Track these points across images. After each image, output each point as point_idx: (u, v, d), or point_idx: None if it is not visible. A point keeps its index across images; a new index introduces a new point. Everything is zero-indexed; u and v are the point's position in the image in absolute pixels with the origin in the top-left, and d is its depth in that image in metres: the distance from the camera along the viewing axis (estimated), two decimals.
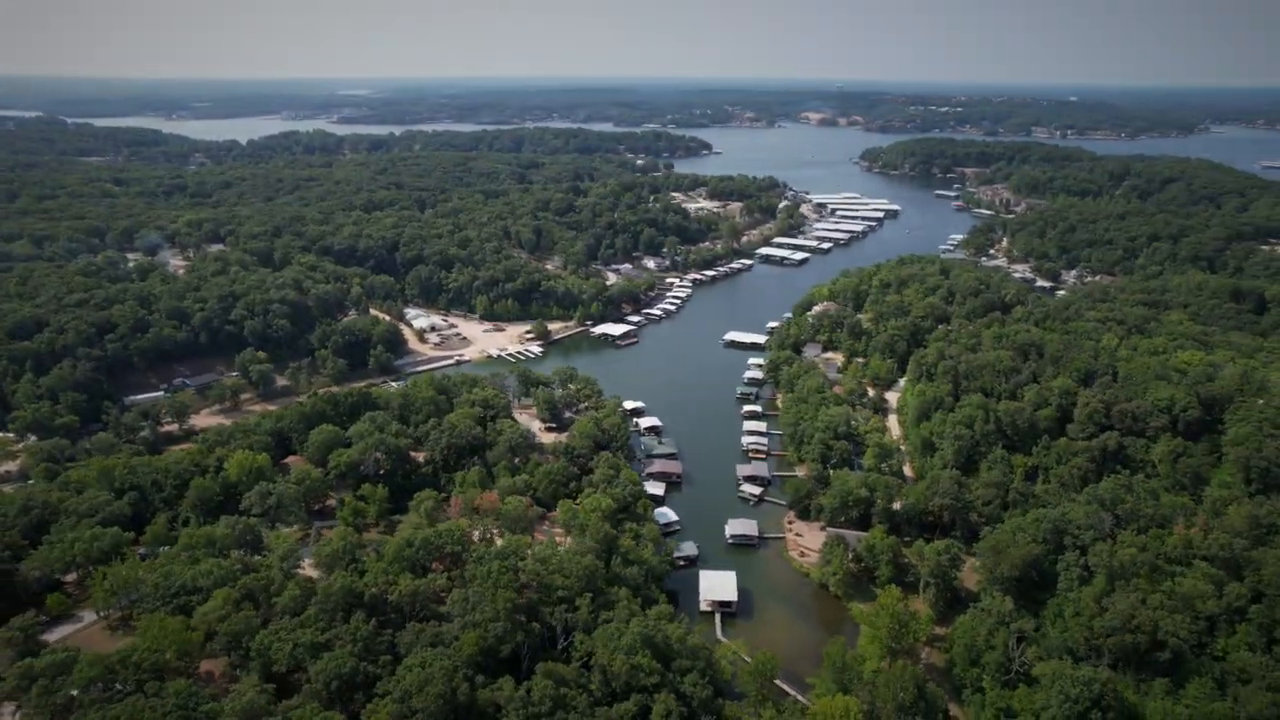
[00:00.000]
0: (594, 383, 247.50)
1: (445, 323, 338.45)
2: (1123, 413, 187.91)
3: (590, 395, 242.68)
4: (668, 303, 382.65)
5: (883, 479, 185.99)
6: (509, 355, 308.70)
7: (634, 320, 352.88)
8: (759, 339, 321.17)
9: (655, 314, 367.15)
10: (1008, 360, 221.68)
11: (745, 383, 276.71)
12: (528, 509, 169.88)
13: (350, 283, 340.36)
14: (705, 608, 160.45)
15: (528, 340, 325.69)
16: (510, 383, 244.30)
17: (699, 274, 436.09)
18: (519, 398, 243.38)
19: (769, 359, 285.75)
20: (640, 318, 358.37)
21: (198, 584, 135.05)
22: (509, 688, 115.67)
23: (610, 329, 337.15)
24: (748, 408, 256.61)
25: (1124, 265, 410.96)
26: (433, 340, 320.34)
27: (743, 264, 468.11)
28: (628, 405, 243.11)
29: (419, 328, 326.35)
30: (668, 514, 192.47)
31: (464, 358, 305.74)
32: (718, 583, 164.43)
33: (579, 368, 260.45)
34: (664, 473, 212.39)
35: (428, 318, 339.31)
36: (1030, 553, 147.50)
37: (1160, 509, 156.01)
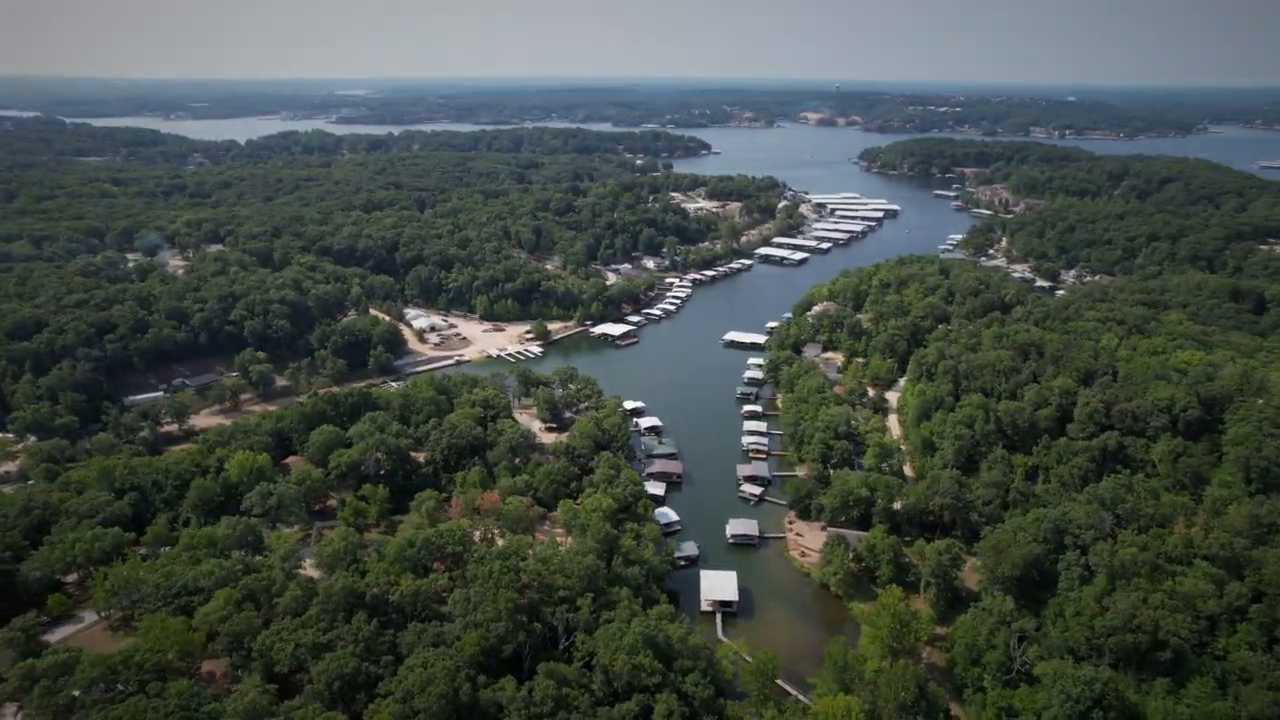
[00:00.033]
0: (594, 383, 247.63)
1: (445, 323, 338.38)
2: (1123, 412, 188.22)
3: (590, 395, 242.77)
4: (667, 303, 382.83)
5: (883, 479, 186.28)
6: (509, 355, 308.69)
7: (634, 320, 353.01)
8: (759, 339, 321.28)
9: (655, 314, 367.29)
10: (1008, 360, 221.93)
11: (745, 383, 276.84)
12: (529, 509, 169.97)
13: (350, 283, 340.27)
14: (706, 608, 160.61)
15: (527, 340, 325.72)
16: (510, 383, 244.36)
17: (698, 274, 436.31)
18: (519, 398, 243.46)
19: (769, 359, 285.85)
20: (640, 318, 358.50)
21: (199, 584, 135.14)
22: (511, 688, 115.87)
23: (610, 329, 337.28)
24: (748, 408, 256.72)
25: (1123, 265, 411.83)
26: (432, 340, 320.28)
27: (742, 264, 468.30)
28: (628, 405, 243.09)
29: (419, 328, 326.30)
30: (668, 514, 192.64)
31: (464, 358, 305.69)
32: (718, 583, 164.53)
33: (579, 368, 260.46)
34: (664, 473, 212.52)
35: (427, 318, 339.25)
36: (1031, 552, 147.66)
37: (1161, 508, 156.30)
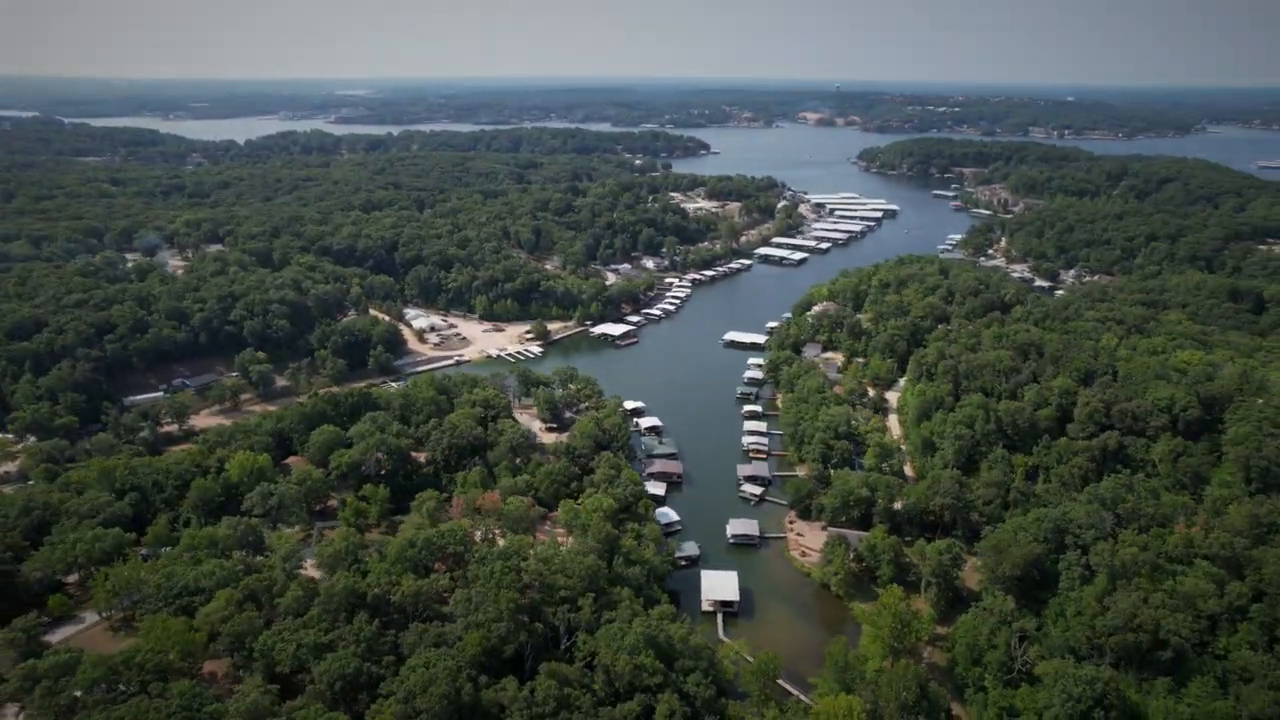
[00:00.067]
0: (594, 383, 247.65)
1: (445, 323, 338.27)
2: (1123, 412, 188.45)
3: (590, 395, 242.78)
4: (667, 303, 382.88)
5: (884, 479, 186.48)
6: (509, 355, 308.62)
7: (633, 320, 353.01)
8: (758, 339, 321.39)
9: (655, 314, 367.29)
10: (1008, 360, 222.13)
11: (745, 383, 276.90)
12: (529, 509, 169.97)
13: (349, 283, 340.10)
14: (707, 607, 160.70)
15: (527, 340, 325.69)
16: (510, 383, 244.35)
17: (698, 274, 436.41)
18: (519, 398, 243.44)
19: (769, 359, 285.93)
20: (640, 318, 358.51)
21: (200, 585, 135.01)
22: (513, 688, 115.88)
23: (610, 329, 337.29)
24: (748, 408, 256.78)
25: (1122, 265, 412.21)
26: (432, 340, 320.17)
27: (741, 264, 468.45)
28: (628, 405, 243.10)
29: (418, 328, 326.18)
30: (669, 514, 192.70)
31: (463, 358, 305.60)
32: (719, 583, 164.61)
33: (579, 368, 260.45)
34: (665, 473, 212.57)
35: (427, 318, 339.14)
36: (1031, 552, 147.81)
37: (1161, 508, 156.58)
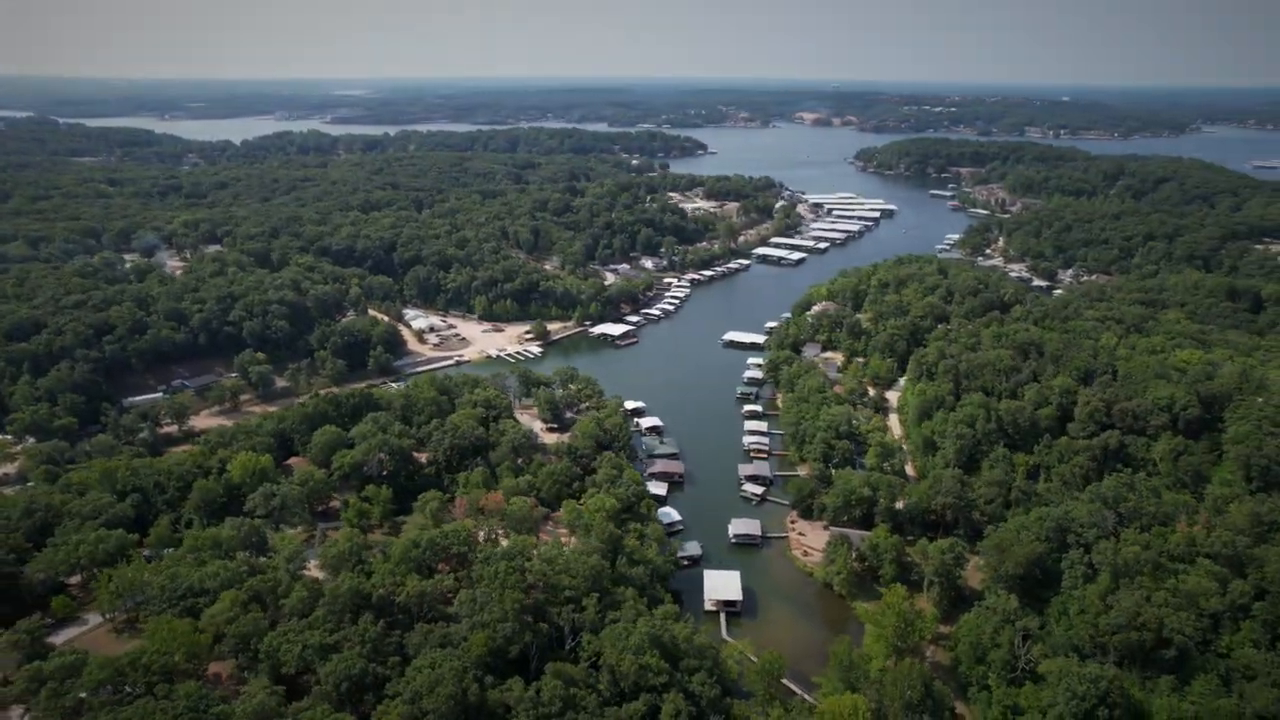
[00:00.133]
0: (594, 383, 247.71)
1: (444, 323, 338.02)
2: (1123, 411, 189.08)
3: (591, 395, 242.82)
4: (666, 303, 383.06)
5: (885, 478, 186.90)
6: (508, 355, 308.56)
7: (633, 320, 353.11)
8: (758, 339, 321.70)
9: (654, 314, 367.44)
10: (1008, 359, 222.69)
11: (745, 382, 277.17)
12: (532, 509, 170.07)
13: (348, 283, 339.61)
14: (710, 607, 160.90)
15: (527, 340, 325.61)
16: (511, 383, 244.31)
17: (697, 274, 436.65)
18: (520, 398, 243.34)
19: (768, 359, 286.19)
20: (639, 318, 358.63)
21: (204, 586, 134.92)
22: (518, 688, 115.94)
23: (609, 329, 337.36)
24: (748, 407, 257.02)
25: (1120, 264, 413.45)
26: (432, 341, 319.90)
27: (740, 264, 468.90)
28: (628, 405, 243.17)
29: (418, 328, 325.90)
30: (671, 514, 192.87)
31: (463, 358, 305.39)
32: (722, 582, 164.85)
33: (578, 368, 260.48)
34: (666, 473, 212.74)
35: (426, 318, 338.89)
36: (1034, 551, 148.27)
37: (1162, 507, 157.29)
